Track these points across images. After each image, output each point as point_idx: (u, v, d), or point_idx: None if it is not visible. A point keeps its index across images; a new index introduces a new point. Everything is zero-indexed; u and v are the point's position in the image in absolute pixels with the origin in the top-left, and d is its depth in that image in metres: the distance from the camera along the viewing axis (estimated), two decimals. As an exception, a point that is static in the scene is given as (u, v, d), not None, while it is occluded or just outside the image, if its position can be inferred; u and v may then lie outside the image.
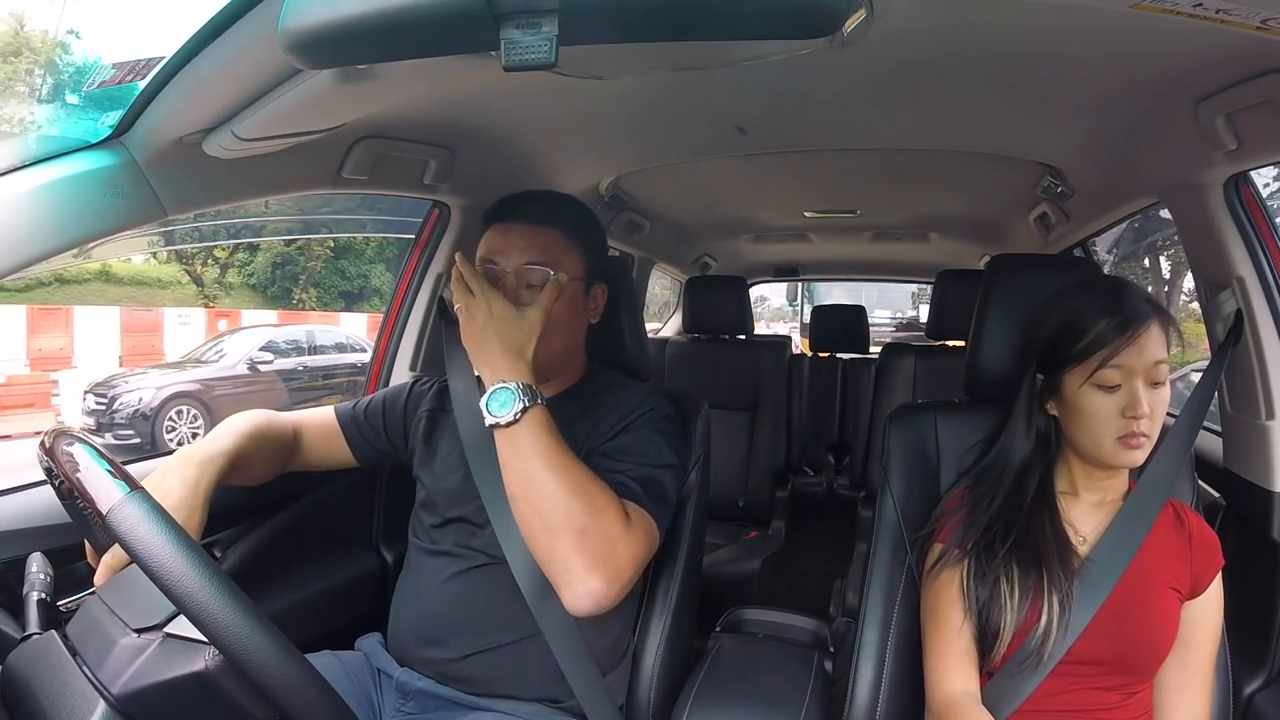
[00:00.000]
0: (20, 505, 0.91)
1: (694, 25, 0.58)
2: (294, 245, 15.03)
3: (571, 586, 0.80)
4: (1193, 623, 0.86)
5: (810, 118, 1.30)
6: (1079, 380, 0.84)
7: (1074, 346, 0.84)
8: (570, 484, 0.81)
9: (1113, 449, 0.83)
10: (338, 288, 16.00)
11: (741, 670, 0.98)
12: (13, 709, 0.64)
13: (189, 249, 13.80)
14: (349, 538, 1.30)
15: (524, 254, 0.95)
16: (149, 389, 7.12)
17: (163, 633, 0.62)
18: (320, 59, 0.63)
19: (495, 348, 0.86)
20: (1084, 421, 0.85)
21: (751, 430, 2.38)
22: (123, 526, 0.56)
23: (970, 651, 0.85)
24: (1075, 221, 1.76)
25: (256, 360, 8.08)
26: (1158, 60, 0.91)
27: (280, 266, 15.48)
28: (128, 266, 14.22)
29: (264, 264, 15.33)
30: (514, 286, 0.94)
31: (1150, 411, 0.82)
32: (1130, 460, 0.84)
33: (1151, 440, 0.83)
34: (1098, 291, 0.87)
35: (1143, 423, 0.81)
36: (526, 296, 0.93)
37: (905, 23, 0.83)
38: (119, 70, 0.86)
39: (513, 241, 0.96)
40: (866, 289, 8.09)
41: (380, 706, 0.97)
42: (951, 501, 0.94)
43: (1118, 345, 0.82)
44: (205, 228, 6.56)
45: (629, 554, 0.82)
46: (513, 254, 0.95)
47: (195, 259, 14.72)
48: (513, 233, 0.97)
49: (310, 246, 15.09)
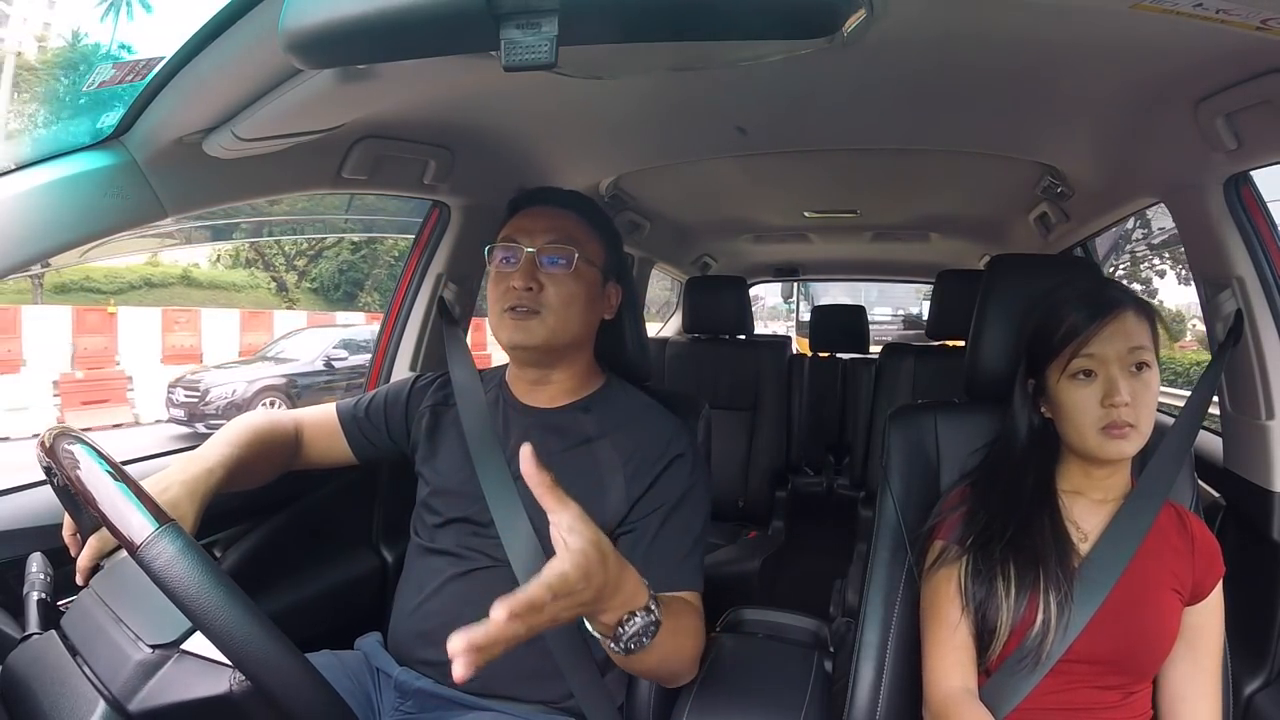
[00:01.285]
0: (20, 505, 0.91)
1: (694, 25, 0.58)
2: (358, 253, 16.45)
3: (683, 681, 0.91)
4: (1197, 628, 0.86)
5: (810, 118, 1.30)
6: (1058, 374, 0.85)
7: (1051, 341, 0.86)
8: (684, 646, 0.85)
9: (1097, 440, 0.83)
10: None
11: (741, 670, 0.98)
12: (13, 709, 0.64)
13: (268, 249, 15.18)
14: (349, 538, 1.30)
15: (546, 234, 0.96)
16: (241, 382, 8.00)
17: (179, 650, 0.63)
18: (320, 59, 0.63)
19: (626, 584, 0.68)
20: (1067, 415, 0.85)
21: (751, 430, 2.38)
22: (156, 564, 0.56)
23: (969, 649, 0.85)
24: (1075, 221, 1.76)
25: (333, 357, 8.87)
26: (1158, 60, 0.91)
27: (343, 273, 16.84)
28: (206, 272, 15.55)
29: (328, 270, 16.74)
30: (535, 265, 0.95)
31: (1133, 399, 0.81)
32: (1116, 451, 0.83)
33: (1138, 430, 0.82)
34: (1073, 287, 0.88)
35: (1124, 411, 0.81)
36: (548, 273, 0.95)
37: (905, 23, 0.83)
38: (119, 70, 0.86)
39: (536, 223, 0.98)
40: (866, 287, 8.08)
41: (379, 706, 0.97)
42: (951, 499, 0.94)
43: (1088, 334, 0.82)
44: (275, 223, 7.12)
45: (704, 633, 0.91)
46: (536, 234, 0.96)
47: (276, 265, 16.32)
48: (536, 214, 0.99)
49: (376, 254, 16.39)
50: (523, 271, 0.95)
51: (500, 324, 0.97)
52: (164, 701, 0.61)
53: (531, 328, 0.95)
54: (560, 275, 0.95)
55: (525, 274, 0.94)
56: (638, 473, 0.94)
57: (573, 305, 0.96)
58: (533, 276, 0.94)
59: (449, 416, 1.05)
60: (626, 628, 0.69)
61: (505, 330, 0.96)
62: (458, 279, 1.43)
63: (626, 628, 0.69)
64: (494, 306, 0.98)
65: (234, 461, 0.91)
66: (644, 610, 0.70)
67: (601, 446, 0.96)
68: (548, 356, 0.99)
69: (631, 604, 0.69)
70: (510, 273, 0.96)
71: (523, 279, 0.94)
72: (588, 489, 0.93)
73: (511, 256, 0.97)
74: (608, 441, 0.96)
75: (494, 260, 0.99)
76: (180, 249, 12.74)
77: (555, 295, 0.95)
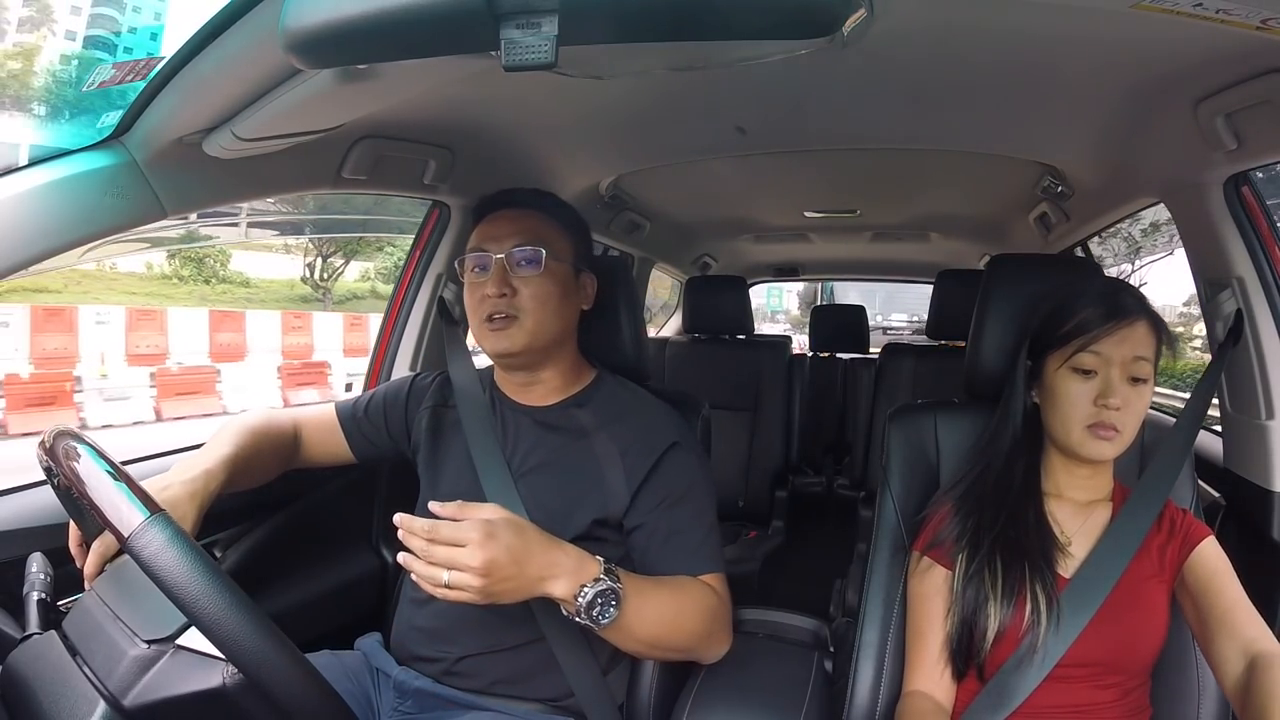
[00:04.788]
0: (20, 505, 0.91)
1: (694, 25, 0.58)
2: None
3: (706, 659, 0.95)
4: (1200, 579, 0.82)
5: (810, 118, 1.30)
6: (1058, 363, 0.86)
7: (1059, 329, 0.86)
8: (681, 621, 0.86)
9: (1081, 436, 0.84)
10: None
11: (741, 670, 0.98)
12: (13, 709, 0.64)
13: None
14: (349, 538, 1.30)
15: (512, 237, 0.97)
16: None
17: (174, 645, 0.63)
18: (320, 59, 0.63)
19: (539, 555, 0.75)
20: (1056, 404, 0.86)
21: (752, 430, 2.38)
22: (145, 552, 0.56)
23: (940, 655, 0.86)
24: (1075, 221, 1.76)
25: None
26: (1158, 60, 0.91)
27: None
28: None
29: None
30: (506, 271, 0.95)
31: (1124, 405, 0.82)
32: (1098, 451, 0.84)
33: (1122, 435, 0.83)
34: (1094, 285, 0.89)
35: (1114, 414, 0.82)
36: (520, 276, 0.95)
37: (905, 23, 0.83)
38: (119, 70, 0.86)
39: (501, 228, 0.98)
40: (879, 288, 8.03)
41: (379, 706, 0.97)
42: (936, 513, 0.93)
43: (1099, 332, 0.83)
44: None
45: (729, 611, 0.94)
46: (503, 239, 0.97)
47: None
48: (500, 220, 0.99)
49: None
50: (495, 279, 0.95)
51: (482, 334, 0.97)
52: (159, 696, 0.61)
53: (512, 335, 0.95)
54: (531, 277, 0.95)
55: (498, 281, 0.95)
56: (636, 460, 0.94)
57: (548, 304, 0.96)
58: (505, 282, 0.95)
59: (449, 417, 1.05)
60: (580, 599, 0.76)
61: (488, 340, 0.97)
62: (457, 279, 1.43)
63: (580, 599, 0.76)
64: (473, 317, 0.98)
65: (234, 461, 0.91)
66: (593, 581, 0.77)
67: (599, 440, 0.96)
68: (533, 358, 0.99)
69: (579, 576, 0.77)
70: (483, 281, 0.96)
71: (496, 286, 0.94)
72: (588, 481, 0.93)
73: (482, 265, 0.97)
74: (604, 434, 0.96)
75: (466, 271, 0.99)
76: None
77: (530, 297, 0.95)
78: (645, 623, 0.81)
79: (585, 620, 0.77)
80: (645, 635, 0.82)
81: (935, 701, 0.85)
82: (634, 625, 0.80)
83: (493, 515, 0.74)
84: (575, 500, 0.93)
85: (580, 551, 0.79)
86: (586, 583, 0.76)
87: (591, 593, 0.76)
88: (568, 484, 0.94)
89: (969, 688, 0.86)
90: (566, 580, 0.76)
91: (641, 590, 0.81)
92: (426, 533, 0.71)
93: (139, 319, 10.43)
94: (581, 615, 0.76)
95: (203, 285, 14.98)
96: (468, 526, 0.71)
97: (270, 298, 15.19)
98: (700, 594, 0.89)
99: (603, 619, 0.77)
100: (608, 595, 0.77)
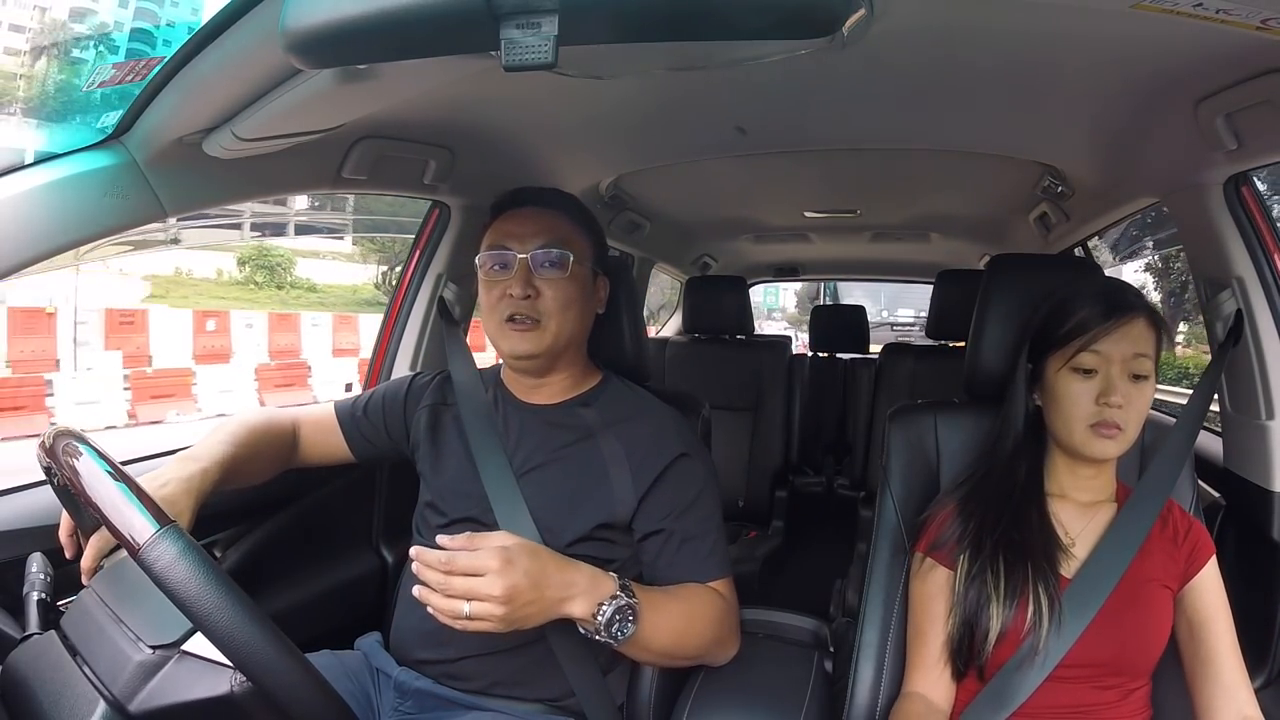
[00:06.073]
0: (20, 505, 0.91)
1: (694, 25, 0.58)
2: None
3: (715, 663, 0.96)
4: (1200, 609, 0.85)
5: (810, 118, 1.30)
6: (1059, 364, 0.86)
7: (1059, 330, 0.86)
8: (693, 630, 0.87)
9: (1084, 436, 0.84)
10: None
11: (741, 670, 0.98)
12: (13, 709, 0.64)
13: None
14: (349, 538, 1.30)
15: (538, 237, 0.95)
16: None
17: (180, 651, 0.63)
18: (320, 59, 0.63)
19: (556, 577, 0.76)
20: (1058, 405, 0.86)
21: (752, 430, 2.38)
22: (158, 565, 0.56)
23: (941, 655, 0.86)
24: (1075, 221, 1.76)
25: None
26: (1158, 60, 0.91)
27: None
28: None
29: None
30: (530, 272, 0.94)
31: (1126, 403, 0.82)
32: (1101, 450, 0.84)
33: (1125, 434, 0.83)
34: (1091, 283, 0.89)
35: (1116, 412, 0.82)
36: (544, 278, 0.94)
37: (905, 23, 0.83)
38: (119, 70, 0.86)
39: (526, 226, 0.96)
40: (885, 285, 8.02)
41: (379, 706, 0.97)
42: (939, 513, 0.93)
43: (1098, 331, 0.83)
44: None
45: (737, 615, 0.95)
46: (527, 238, 0.95)
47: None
48: (524, 217, 0.97)
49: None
50: (519, 279, 0.93)
51: (500, 334, 0.96)
52: (165, 702, 0.61)
53: (533, 338, 0.94)
54: (556, 279, 0.94)
55: (522, 281, 0.93)
56: (643, 464, 0.93)
57: (570, 309, 0.95)
58: (529, 283, 0.93)
59: (449, 416, 1.04)
60: (599, 617, 0.76)
61: (507, 341, 0.95)
62: (458, 279, 1.43)
63: (599, 617, 0.76)
64: (490, 315, 0.97)
65: (230, 459, 0.91)
66: (610, 599, 0.77)
67: (605, 439, 0.96)
68: (549, 361, 0.98)
69: (596, 594, 0.77)
70: (505, 280, 0.94)
71: (520, 287, 0.93)
72: (594, 481, 0.93)
73: (503, 263, 0.95)
74: (611, 434, 0.96)
75: (485, 266, 0.97)
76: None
77: (554, 301, 0.94)
78: (660, 635, 0.81)
79: (604, 637, 0.77)
80: (659, 647, 0.83)
81: (931, 704, 0.85)
82: (649, 638, 0.80)
83: (506, 541, 0.74)
84: (579, 500, 0.93)
85: (593, 569, 0.79)
86: (604, 600, 0.76)
87: (610, 610, 0.76)
88: (571, 483, 0.94)
89: (969, 688, 0.86)
90: (584, 599, 0.76)
91: (655, 604, 0.81)
92: (443, 565, 0.69)
93: (277, 322, 11.54)
94: (601, 633, 0.76)
95: (274, 290, 15.57)
96: (485, 555, 0.70)
97: (338, 301, 15.82)
98: (710, 601, 0.89)
99: (621, 635, 0.77)
100: (625, 611, 0.77)
